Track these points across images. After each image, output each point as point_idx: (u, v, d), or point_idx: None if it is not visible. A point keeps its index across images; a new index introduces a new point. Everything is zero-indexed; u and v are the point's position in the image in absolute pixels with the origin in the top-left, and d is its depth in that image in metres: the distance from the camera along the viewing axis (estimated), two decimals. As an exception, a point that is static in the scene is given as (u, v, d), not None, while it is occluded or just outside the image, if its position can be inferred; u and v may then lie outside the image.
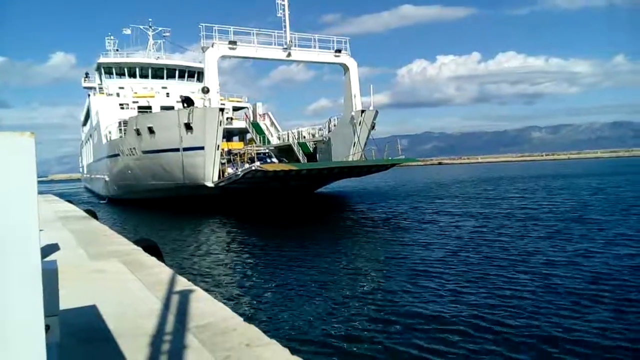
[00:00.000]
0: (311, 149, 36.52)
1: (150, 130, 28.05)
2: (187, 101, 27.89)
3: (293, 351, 3.90)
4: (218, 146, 26.20)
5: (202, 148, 25.93)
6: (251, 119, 42.12)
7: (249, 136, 41.73)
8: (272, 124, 42.29)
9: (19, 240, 2.11)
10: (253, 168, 23.88)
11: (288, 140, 38.24)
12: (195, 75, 43.22)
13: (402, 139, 37.73)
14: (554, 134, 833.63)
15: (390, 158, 31.79)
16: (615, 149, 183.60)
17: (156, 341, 4.19)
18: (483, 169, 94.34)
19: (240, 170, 25.23)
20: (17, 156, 2.09)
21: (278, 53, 30.45)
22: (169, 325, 4.60)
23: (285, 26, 29.81)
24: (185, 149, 26.37)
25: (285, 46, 30.10)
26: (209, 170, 26.22)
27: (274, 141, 40.09)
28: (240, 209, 26.57)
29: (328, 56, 32.39)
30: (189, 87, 40.54)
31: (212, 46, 28.07)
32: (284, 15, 29.55)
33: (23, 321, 2.10)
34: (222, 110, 26.13)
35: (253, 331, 4.30)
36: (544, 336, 6.91)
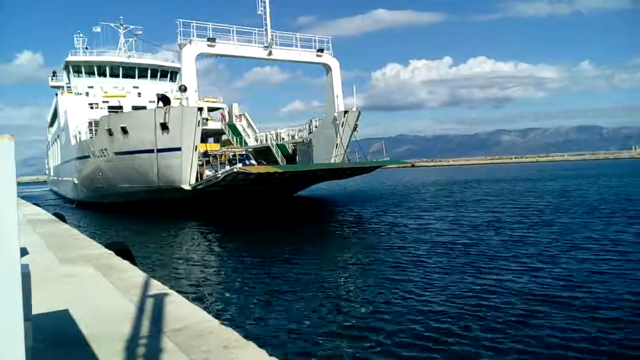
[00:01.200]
0: (290, 151, 35.89)
1: (124, 131, 26.85)
2: (164, 100, 26.80)
3: (269, 354, 3.92)
4: (196, 147, 25.24)
5: (178, 149, 24.96)
6: (227, 120, 41.34)
7: (224, 137, 40.80)
8: (249, 125, 41.59)
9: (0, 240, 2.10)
10: (235, 170, 22.93)
11: (266, 141, 37.52)
12: (168, 75, 42.42)
13: (377, 141, 37.39)
14: (523, 137, 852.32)
15: (375, 160, 31.42)
16: (582, 151, 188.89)
17: (131, 345, 4.15)
18: (461, 172, 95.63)
19: (220, 172, 24.33)
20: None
21: (259, 51, 29.57)
22: (144, 329, 4.56)
23: (266, 24, 28.98)
24: (160, 150, 25.28)
25: (266, 45, 29.24)
26: (186, 173, 25.26)
27: (251, 143, 39.32)
28: (217, 212, 25.84)
29: (310, 56, 31.72)
30: (162, 87, 39.53)
31: (190, 43, 27.03)
32: (265, 12, 28.73)
33: (4, 323, 2.09)
34: (200, 109, 25.20)
35: (230, 333, 4.31)
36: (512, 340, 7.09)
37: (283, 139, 37.16)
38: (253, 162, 31.01)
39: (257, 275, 11.44)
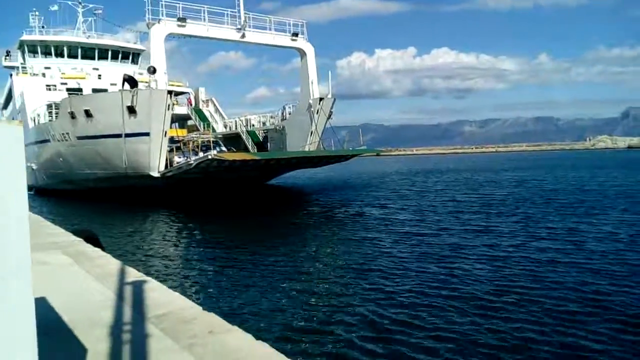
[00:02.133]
0: (260, 138, 35.39)
1: (87, 114, 25.67)
2: (131, 81, 25.62)
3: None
4: (165, 132, 24.38)
5: (147, 134, 24.08)
6: (193, 104, 40.14)
7: (189, 123, 39.86)
8: (217, 110, 40.62)
9: (11, 229, 2.11)
10: (209, 157, 22.31)
11: (235, 128, 36.80)
12: (130, 57, 41.02)
13: (342, 130, 37.49)
14: (483, 127, 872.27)
15: (351, 149, 31.34)
16: (539, 142, 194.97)
17: (115, 331, 4.17)
18: (424, 161, 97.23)
19: (193, 159, 23.63)
20: (7, 144, 2.09)
21: (231, 33, 28.73)
22: (126, 316, 4.57)
23: (239, 5, 28.13)
24: (127, 135, 24.34)
25: (239, 27, 28.40)
26: (155, 159, 24.40)
27: (219, 129, 38.49)
28: (186, 200, 25.33)
29: (284, 39, 31.05)
30: (123, 70, 37.88)
31: (159, 22, 25.94)
32: None
33: (15, 312, 2.11)
34: (170, 93, 24.24)
35: (214, 319, 4.38)
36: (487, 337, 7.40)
37: (253, 125, 36.60)
38: (223, 148, 30.62)
39: (228, 263, 11.55)
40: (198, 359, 3.54)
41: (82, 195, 29.17)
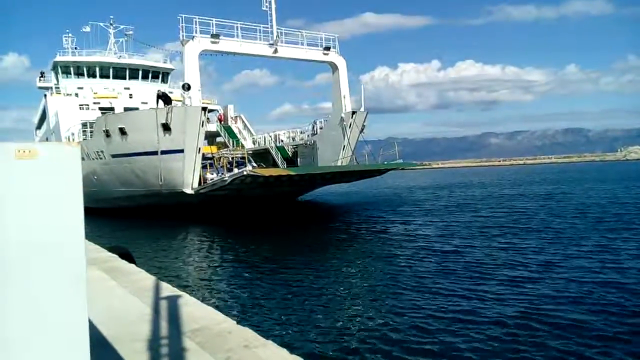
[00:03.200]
0: (290, 153, 35.09)
1: (122, 132, 25.64)
2: (164, 98, 25.37)
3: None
4: (199, 149, 24.19)
5: (181, 151, 23.93)
6: (223, 121, 40.40)
7: (218, 140, 39.87)
8: (245, 127, 40.75)
9: (67, 244, 2.24)
10: (245, 173, 21.76)
11: (264, 144, 36.63)
12: (160, 76, 41.88)
13: (367, 144, 36.98)
14: (510, 140, 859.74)
15: (385, 162, 30.44)
16: (569, 154, 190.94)
17: (154, 345, 4.29)
18: (452, 175, 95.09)
19: (227, 175, 23.05)
20: (67, 163, 2.24)
21: (264, 49, 28.38)
22: (163, 330, 4.69)
23: (271, 19, 27.84)
24: (162, 152, 24.19)
25: (271, 42, 28.19)
26: (189, 176, 24.22)
27: (248, 145, 38.39)
28: (218, 217, 25.07)
29: (316, 54, 30.65)
30: (153, 89, 38.70)
31: (193, 39, 25.88)
32: (270, 8, 27.65)
33: (68, 322, 2.23)
34: (204, 109, 24.02)
35: (248, 333, 4.46)
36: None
37: (282, 141, 36.45)
38: (254, 164, 30.45)
39: (263, 280, 11.46)
40: (235, 372, 3.62)
41: (115, 213, 29.27)
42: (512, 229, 18.52)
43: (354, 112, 29.90)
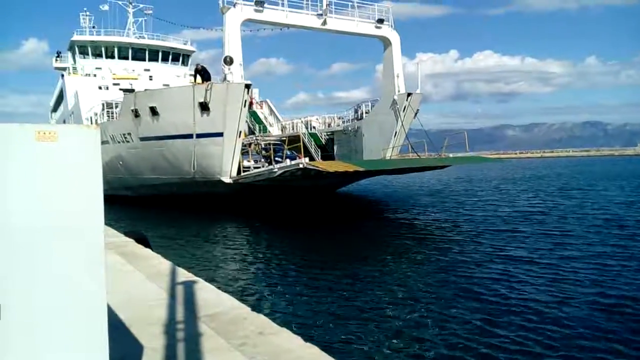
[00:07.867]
0: (323, 141, 32.82)
1: (153, 111, 22.71)
2: (203, 73, 22.42)
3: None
4: (240, 133, 21.55)
5: (220, 134, 21.26)
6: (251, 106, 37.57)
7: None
8: (271, 112, 38.98)
9: (88, 228, 2.25)
10: (301, 166, 18.29)
11: (295, 129, 34.08)
12: (181, 59, 40.44)
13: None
14: (528, 132, 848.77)
15: (451, 156, 27.36)
16: (587, 147, 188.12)
17: (170, 329, 4.32)
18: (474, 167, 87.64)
19: (277, 167, 19.91)
20: (86, 146, 2.24)
21: (312, 20, 25.75)
22: (179, 314, 4.73)
23: None
24: (199, 136, 21.57)
25: (320, 12, 25.52)
26: (227, 163, 21.57)
27: (275, 131, 36.31)
28: (252, 208, 22.75)
29: (368, 27, 27.71)
30: (174, 71, 37.88)
31: (234, 6, 23.02)
32: None
33: (88, 307, 2.24)
34: (247, 87, 20.94)
35: (263, 320, 4.47)
36: None
37: (314, 127, 34.18)
38: (287, 152, 26.75)
39: (289, 274, 11.05)
40: (249, 359, 3.62)
41: (142, 202, 27.00)
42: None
43: (409, 94, 26.78)
